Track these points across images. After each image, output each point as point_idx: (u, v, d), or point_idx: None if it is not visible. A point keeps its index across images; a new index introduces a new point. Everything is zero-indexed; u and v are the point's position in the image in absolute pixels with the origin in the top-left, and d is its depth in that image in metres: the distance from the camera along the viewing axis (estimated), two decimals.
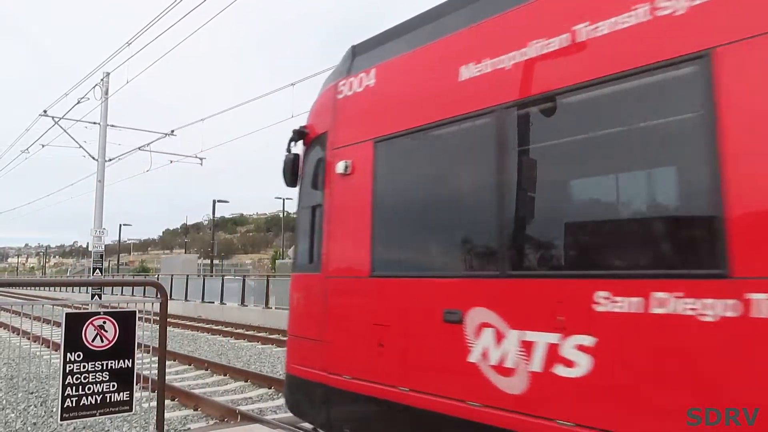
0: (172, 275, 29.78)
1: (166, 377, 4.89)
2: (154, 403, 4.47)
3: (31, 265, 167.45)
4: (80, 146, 20.09)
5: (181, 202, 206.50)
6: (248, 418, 6.25)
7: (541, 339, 3.09)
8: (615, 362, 2.83)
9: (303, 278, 4.94)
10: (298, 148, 5.03)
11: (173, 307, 22.06)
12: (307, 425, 5.21)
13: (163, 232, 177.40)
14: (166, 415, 5.34)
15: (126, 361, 4.20)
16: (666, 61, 2.79)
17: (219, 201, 51.45)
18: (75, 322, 4.07)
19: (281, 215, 74.31)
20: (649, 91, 2.92)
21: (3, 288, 51.01)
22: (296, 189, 5.06)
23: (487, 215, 3.50)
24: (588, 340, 2.90)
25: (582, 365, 2.92)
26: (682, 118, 2.82)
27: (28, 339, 11.97)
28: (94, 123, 20.04)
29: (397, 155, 4.16)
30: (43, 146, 22.00)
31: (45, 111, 19.76)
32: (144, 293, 18.62)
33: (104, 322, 4.14)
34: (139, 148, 21.52)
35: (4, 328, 16.97)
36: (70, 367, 4.00)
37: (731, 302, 2.47)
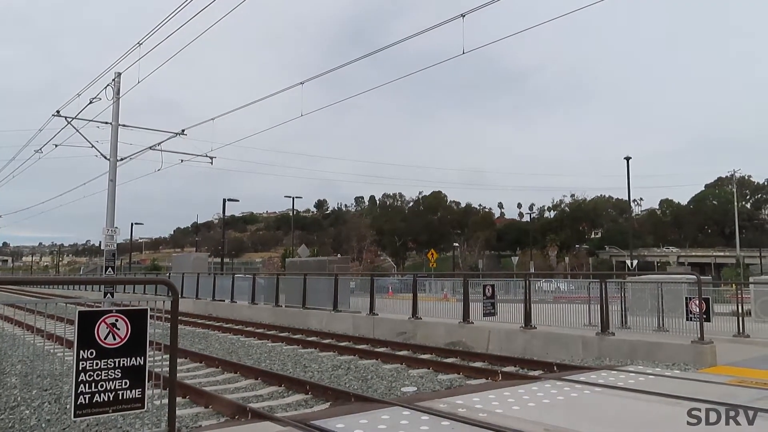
0: (183, 273, 29.93)
1: (178, 375, 4.92)
2: (165, 401, 4.50)
3: (45, 263, 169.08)
4: (92, 146, 20.31)
5: (191, 201, 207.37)
6: (259, 416, 6.28)
7: None
8: None
9: None
10: None
11: (184, 305, 22.19)
12: (317, 423, 5.23)
13: (174, 231, 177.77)
14: (178, 412, 5.38)
15: (138, 358, 4.22)
16: None
17: (229, 200, 51.67)
18: (88, 320, 4.09)
19: (291, 214, 74.47)
20: None
21: (17, 286, 51.64)
22: None
23: None
24: None
25: None
26: None
27: (42, 337, 12.11)
28: (106, 123, 20.23)
29: None
30: (56, 146, 22.27)
31: (58, 111, 19.99)
32: (155, 291, 18.78)
33: (116, 320, 4.17)
34: (150, 148, 21.72)
35: (19, 326, 17.18)
36: (83, 364, 4.03)
37: None
